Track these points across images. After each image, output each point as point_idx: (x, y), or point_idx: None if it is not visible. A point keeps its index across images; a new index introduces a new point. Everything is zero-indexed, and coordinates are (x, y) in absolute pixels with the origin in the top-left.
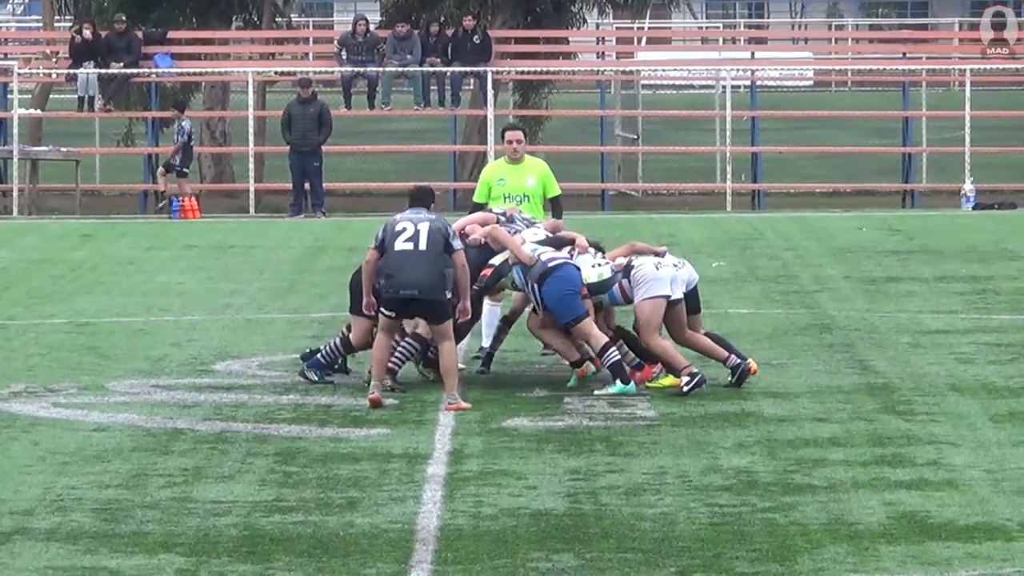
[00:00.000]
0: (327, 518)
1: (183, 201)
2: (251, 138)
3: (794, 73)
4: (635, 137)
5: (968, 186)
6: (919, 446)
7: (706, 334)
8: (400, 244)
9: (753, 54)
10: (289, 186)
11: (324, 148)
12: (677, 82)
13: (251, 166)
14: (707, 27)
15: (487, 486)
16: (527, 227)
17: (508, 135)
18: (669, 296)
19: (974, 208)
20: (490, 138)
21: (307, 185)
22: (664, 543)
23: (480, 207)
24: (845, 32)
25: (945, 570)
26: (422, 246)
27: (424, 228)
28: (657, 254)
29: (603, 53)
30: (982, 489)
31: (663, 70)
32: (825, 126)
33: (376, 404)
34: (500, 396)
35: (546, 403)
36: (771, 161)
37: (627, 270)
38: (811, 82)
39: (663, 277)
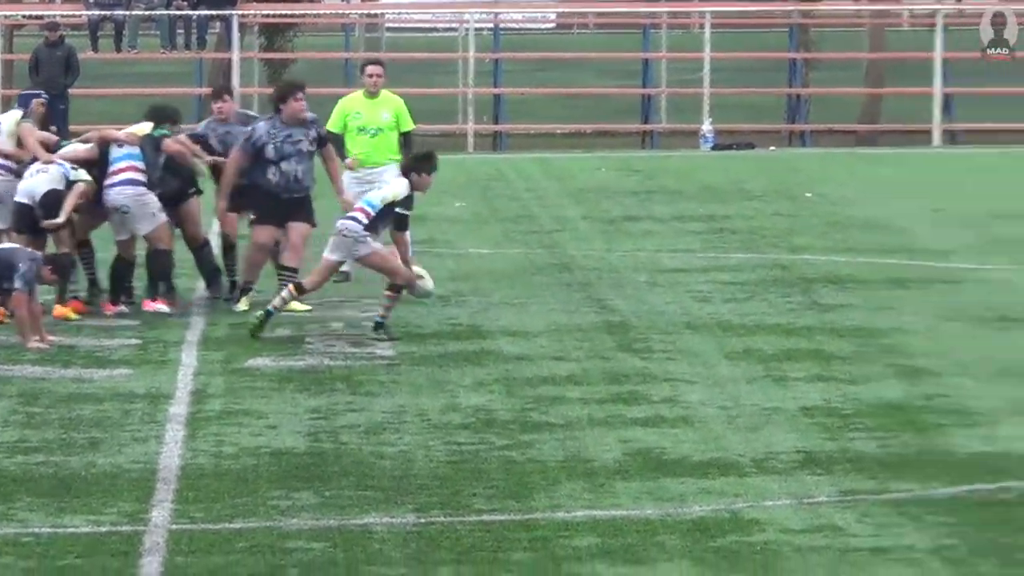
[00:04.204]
0: (69, 458)
1: None
2: None
3: (537, 16)
4: None
5: (707, 127)
6: (655, 384)
7: None
8: None
9: None
10: None
11: (71, 91)
12: (421, 25)
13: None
14: None
15: (229, 426)
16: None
17: (369, 69)
18: None
19: (712, 148)
20: (235, 81)
21: (53, 128)
22: (403, 481)
23: (336, 137)
24: None
25: (679, 505)
26: None
27: None
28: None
29: None
30: (716, 426)
31: (407, 13)
32: (567, 68)
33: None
34: (243, 336)
35: (288, 343)
36: (514, 103)
37: None
38: (554, 24)
39: None
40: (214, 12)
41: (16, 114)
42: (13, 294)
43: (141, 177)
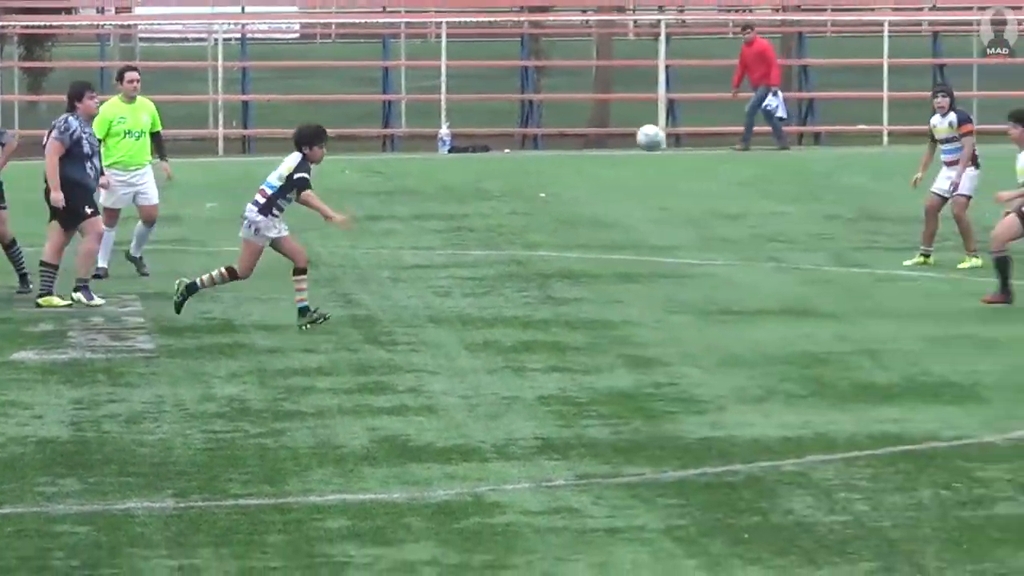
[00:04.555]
0: None
1: None
2: None
3: (282, 27)
4: None
5: (444, 131)
6: (400, 374)
7: None
8: None
9: (244, 8)
10: None
11: None
12: (173, 35)
13: None
14: None
15: None
16: None
17: (128, 75)
18: None
19: (450, 151)
20: None
21: None
22: (162, 467)
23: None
24: None
25: (424, 489)
26: None
27: None
28: None
29: (103, 8)
30: (458, 414)
31: (159, 24)
32: (311, 76)
33: None
34: (7, 330)
35: (51, 337)
36: (262, 108)
37: None
38: (298, 35)
39: None
40: None
41: None
42: None
43: None
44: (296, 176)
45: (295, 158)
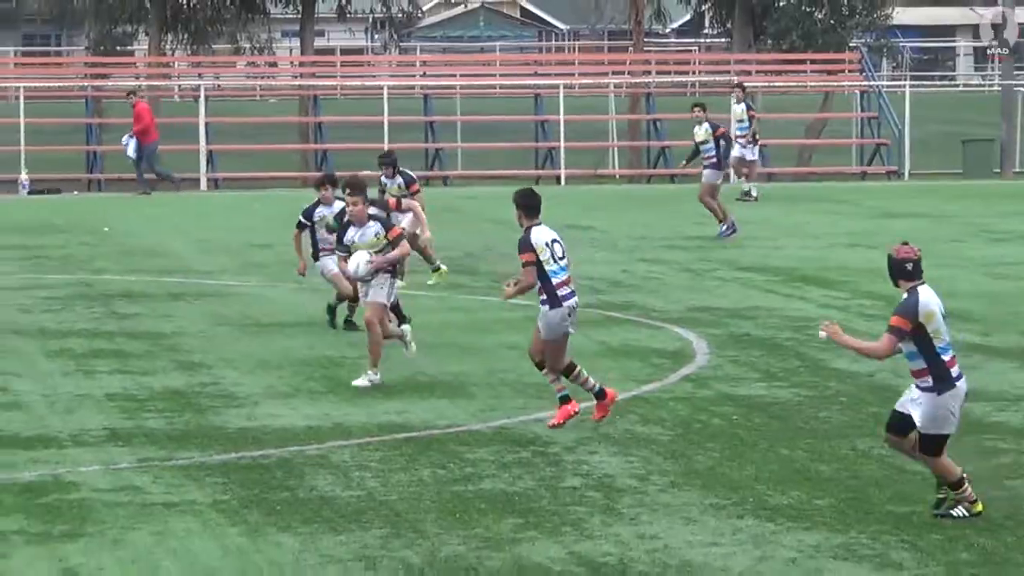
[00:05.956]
0: None
1: None
2: None
3: None
4: None
5: (24, 176)
6: None
7: None
8: None
9: None
10: None
11: None
12: None
13: None
14: None
15: None
16: None
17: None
18: None
19: (29, 193)
20: None
21: None
22: None
23: None
24: None
25: (12, 472)
26: None
27: None
28: None
29: None
30: (40, 409)
31: None
32: None
33: None
34: None
35: None
36: None
37: None
38: None
39: None
40: None
41: None
42: None
43: None
44: None
45: None
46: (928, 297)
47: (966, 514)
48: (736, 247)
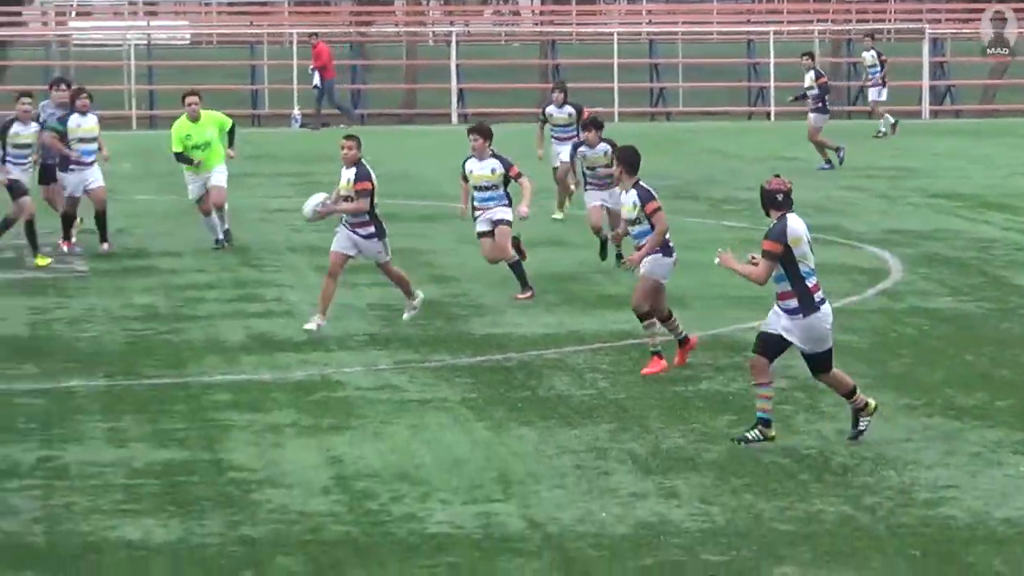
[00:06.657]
0: None
1: None
2: None
3: (176, 36)
4: None
5: (296, 111)
6: (267, 288)
7: None
8: None
9: (149, 22)
10: None
11: None
12: (98, 43)
13: None
14: None
15: None
16: None
17: (188, 99)
18: None
19: (300, 127)
20: None
21: None
22: (95, 356)
23: (179, 155)
24: None
25: (285, 372)
26: None
27: None
28: None
29: (46, 22)
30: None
31: (88, 34)
32: (199, 72)
33: None
34: None
35: (10, 263)
36: (164, 95)
37: None
38: (188, 42)
39: None
40: None
41: None
42: None
43: None
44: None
45: None
46: (796, 224)
47: (761, 438)
48: (927, 176)
